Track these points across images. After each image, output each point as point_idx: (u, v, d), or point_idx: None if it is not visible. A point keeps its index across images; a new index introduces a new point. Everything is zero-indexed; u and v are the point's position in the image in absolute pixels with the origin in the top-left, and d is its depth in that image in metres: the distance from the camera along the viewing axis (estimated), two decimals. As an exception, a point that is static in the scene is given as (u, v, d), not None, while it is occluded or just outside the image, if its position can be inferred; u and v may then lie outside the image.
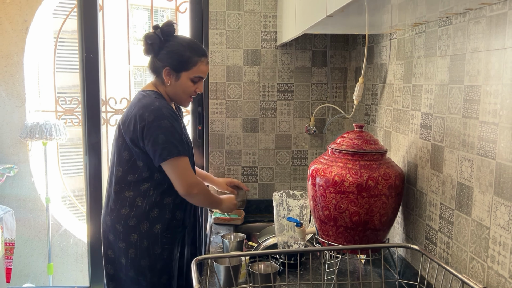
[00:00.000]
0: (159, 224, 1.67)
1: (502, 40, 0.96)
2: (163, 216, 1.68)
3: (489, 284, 1.01)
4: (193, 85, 1.70)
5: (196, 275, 1.00)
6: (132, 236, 1.66)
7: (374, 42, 1.78)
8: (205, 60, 1.71)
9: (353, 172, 1.28)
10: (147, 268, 1.67)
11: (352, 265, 1.51)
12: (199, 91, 1.73)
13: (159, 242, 1.67)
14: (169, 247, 1.70)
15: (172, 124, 1.60)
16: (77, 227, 3.57)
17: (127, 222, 1.66)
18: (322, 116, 2.27)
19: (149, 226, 1.66)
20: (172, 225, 1.70)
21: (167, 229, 1.69)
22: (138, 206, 1.65)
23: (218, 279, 1.28)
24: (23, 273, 3.31)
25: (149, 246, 1.66)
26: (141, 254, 1.67)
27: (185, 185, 1.61)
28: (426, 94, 1.32)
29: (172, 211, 1.69)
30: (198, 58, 1.68)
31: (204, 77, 1.73)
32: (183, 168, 1.62)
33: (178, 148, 1.59)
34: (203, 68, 1.70)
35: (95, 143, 2.48)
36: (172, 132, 1.59)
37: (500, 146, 0.97)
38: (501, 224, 0.96)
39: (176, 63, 1.66)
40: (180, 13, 2.65)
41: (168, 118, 1.60)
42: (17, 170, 3.19)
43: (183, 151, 1.61)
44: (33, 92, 3.30)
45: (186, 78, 1.67)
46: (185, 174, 1.62)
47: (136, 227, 1.66)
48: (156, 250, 1.67)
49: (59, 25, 3.39)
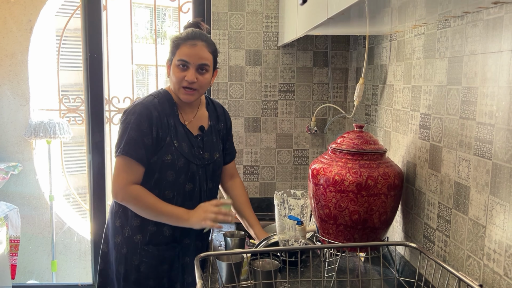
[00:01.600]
0: (140, 235, 1.55)
1: (499, 43, 0.98)
2: (145, 227, 1.54)
3: (485, 281, 1.03)
4: (181, 71, 1.51)
5: (199, 271, 1.03)
6: (117, 238, 1.59)
7: (375, 43, 1.80)
8: (190, 43, 1.51)
9: (353, 172, 1.30)
10: (122, 276, 1.57)
11: (351, 262, 1.54)
12: (187, 79, 1.50)
13: (138, 253, 1.55)
14: (149, 261, 1.55)
15: (136, 122, 1.47)
16: (81, 224, 3.60)
17: (115, 221, 1.60)
18: (323, 116, 2.30)
19: (130, 234, 1.55)
20: (156, 240, 1.55)
21: (149, 243, 1.55)
22: (125, 209, 1.56)
23: (220, 276, 1.31)
24: (27, 269, 3.35)
25: (128, 254, 1.56)
26: (119, 260, 1.57)
27: (112, 187, 1.49)
28: (425, 95, 1.34)
29: (158, 225, 1.54)
30: (182, 41, 1.52)
31: (189, 60, 1.49)
32: (119, 169, 1.48)
33: (124, 147, 1.46)
34: (185, 51, 1.50)
35: (98, 141, 2.51)
36: (130, 128, 1.47)
37: (496, 147, 0.99)
38: (496, 223, 0.99)
39: (169, 53, 1.56)
40: (182, 13, 2.68)
41: (136, 114, 1.48)
42: (22, 168, 3.23)
43: (130, 153, 1.46)
44: (37, 91, 3.33)
45: (174, 65, 1.53)
46: (117, 176, 1.48)
47: (120, 230, 1.58)
48: (134, 261, 1.55)
49: (62, 23, 3.42)
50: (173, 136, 1.54)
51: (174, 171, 1.53)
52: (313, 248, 1.51)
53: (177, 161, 1.53)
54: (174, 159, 1.52)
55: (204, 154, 1.61)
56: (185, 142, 1.56)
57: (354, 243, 1.34)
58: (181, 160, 1.54)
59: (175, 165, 1.53)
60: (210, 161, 1.62)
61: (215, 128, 1.69)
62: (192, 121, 1.62)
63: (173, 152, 1.53)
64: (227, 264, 1.29)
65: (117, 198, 1.51)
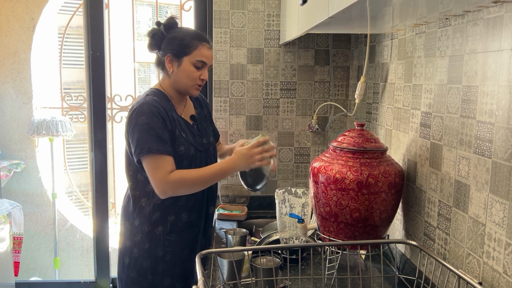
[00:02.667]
0: (161, 227, 1.62)
1: (499, 42, 0.98)
2: (165, 218, 1.62)
3: (484, 279, 1.04)
4: (196, 71, 1.60)
5: (200, 268, 1.04)
6: (136, 236, 1.64)
7: (376, 42, 1.80)
8: (207, 45, 1.62)
9: (354, 170, 1.31)
10: (149, 270, 1.64)
11: (352, 260, 1.54)
12: (203, 77, 1.62)
13: (161, 244, 1.63)
14: (173, 250, 1.64)
15: (148, 121, 1.51)
16: (83, 222, 3.62)
17: (133, 221, 1.65)
18: (325, 114, 2.30)
19: (151, 228, 1.62)
20: (176, 227, 1.64)
21: (170, 232, 1.63)
22: (141, 207, 1.63)
23: (221, 273, 1.32)
24: (30, 267, 3.37)
25: (151, 248, 1.63)
26: (143, 256, 1.63)
27: (156, 187, 1.52)
28: (426, 94, 1.35)
29: (176, 213, 1.63)
30: (199, 42, 1.60)
31: (207, 62, 1.62)
32: (152, 167, 1.51)
33: (149, 145, 1.50)
34: (205, 52, 1.60)
35: (100, 139, 2.52)
36: (145, 129, 1.51)
37: (496, 145, 0.99)
38: (496, 221, 0.99)
39: (177, 48, 1.59)
40: (184, 11, 2.68)
41: (146, 114, 1.52)
42: (24, 166, 3.24)
43: (156, 149, 1.50)
44: (40, 89, 3.34)
45: (188, 63, 1.59)
46: (155, 174, 1.51)
47: (139, 228, 1.63)
48: (158, 253, 1.63)
49: (64, 21, 3.43)
50: (179, 129, 1.62)
51: (188, 160, 1.61)
52: (314, 245, 1.52)
53: (188, 151, 1.61)
54: (186, 149, 1.61)
55: (202, 140, 1.71)
56: (188, 132, 1.65)
57: (355, 240, 1.34)
58: (191, 149, 1.62)
59: (188, 154, 1.61)
60: (208, 145, 1.74)
61: (202, 114, 1.80)
62: (184, 112, 1.72)
63: (183, 143, 1.61)
64: (229, 262, 1.30)
65: (166, 193, 1.53)
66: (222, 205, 2.20)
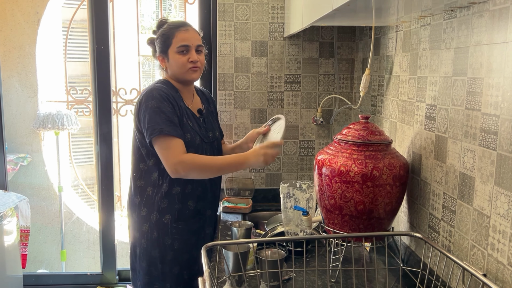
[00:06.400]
0: (169, 215, 1.66)
1: (504, 34, 0.98)
2: (172, 206, 1.66)
3: (489, 270, 1.04)
4: (183, 56, 1.65)
5: (206, 260, 1.05)
6: (144, 226, 1.68)
7: (381, 34, 1.79)
8: (183, 29, 1.66)
9: (359, 162, 1.31)
10: (158, 259, 1.68)
11: (357, 252, 1.55)
12: (192, 59, 1.64)
13: (169, 232, 1.67)
14: (180, 237, 1.68)
15: (158, 104, 1.57)
16: (89, 215, 3.64)
17: (140, 212, 1.68)
18: (329, 107, 2.30)
19: (159, 217, 1.66)
20: (184, 215, 1.68)
21: (177, 220, 1.68)
22: (148, 196, 1.67)
23: (227, 265, 1.33)
24: (37, 259, 3.40)
25: (159, 236, 1.67)
26: (152, 245, 1.68)
27: (168, 166, 1.56)
28: (431, 86, 1.34)
29: (183, 201, 1.67)
30: (174, 30, 1.66)
31: (189, 44, 1.65)
32: (165, 148, 1.55)
33: (161, 127, 1.54)
34: (182, 36, 1.65)
35: (106, 133, 2.54)
36: (156, 111, 1.56)
37: (501, 138, 0.99)
38: (501, 213, 0.99)
39: (162, 45, 1.68)
40: (188, 4, 2.67)
41: (156, 98, 1.57)
42: (30, 159, 3.26)
43: (168, 131, 1.54)
44: (45, 83, 3.35)
45: (173, 53, 1.66)
46: (168, 154, 1.55)
47: (147, 218, 1.67)
48: (166, 241, 1.67)
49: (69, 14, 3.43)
50: (186, 117, 1.66)
51: (194, 148, 1.64)
52: (319, 238, 1.52)
53: (194, 139, 1.65)
54: (192, 137, 1.65)
55: (208, 133, 1.75)
56: (194, 122, 1.70)
57: (360, 233, 1.35)
58: (197, 138, 1.67)
59: (194, 143, 1.65)
60: (214, 139, 1.78)
61: (209, 110, 1.84)
62: (192, 105, 1.76)
63: (190, 131, 1.65)
64: (234, 254, 1.31)
65: (179, 172, 1.56)
66: (227, 198, 2.21)
